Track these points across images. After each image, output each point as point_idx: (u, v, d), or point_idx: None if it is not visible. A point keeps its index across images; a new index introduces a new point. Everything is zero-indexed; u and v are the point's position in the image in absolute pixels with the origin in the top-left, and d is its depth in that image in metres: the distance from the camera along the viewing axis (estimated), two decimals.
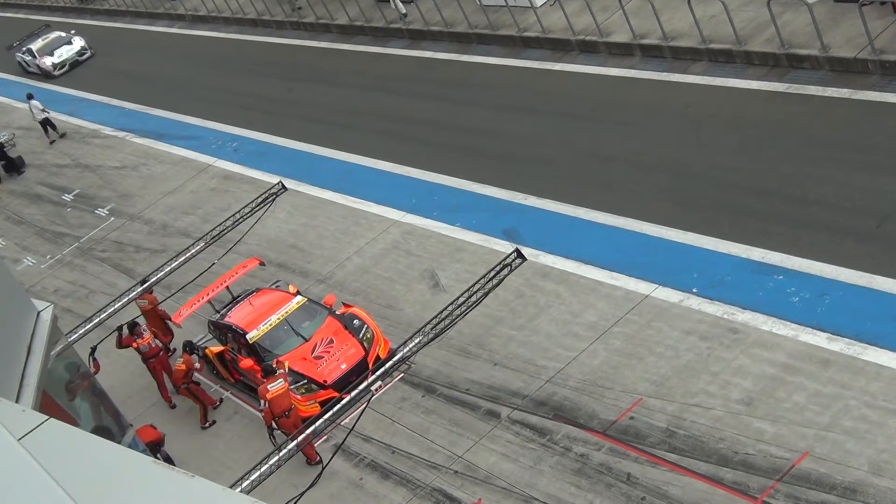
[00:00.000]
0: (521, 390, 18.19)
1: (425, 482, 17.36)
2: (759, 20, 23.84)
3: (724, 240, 19.26)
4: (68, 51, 45.41)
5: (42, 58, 45.19)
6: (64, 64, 45.03)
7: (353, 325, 20.34)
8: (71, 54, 45.30)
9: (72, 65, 45.12)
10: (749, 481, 14.89)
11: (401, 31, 33.86)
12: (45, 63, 45.03)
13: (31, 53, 46.00)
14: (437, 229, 23.47)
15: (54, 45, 45.85)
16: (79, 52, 45.42)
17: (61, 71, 44.85)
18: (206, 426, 21.07)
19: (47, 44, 46.05)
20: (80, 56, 45.41)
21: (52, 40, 46.25)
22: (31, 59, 46.02)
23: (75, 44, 45.73)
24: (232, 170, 30.59)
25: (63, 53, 45.24)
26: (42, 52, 45.48)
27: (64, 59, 45.11)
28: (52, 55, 45.13)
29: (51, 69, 44.86)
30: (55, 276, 29.16)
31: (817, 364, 16.07)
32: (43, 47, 45.85)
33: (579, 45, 27.75)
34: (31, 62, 46.02)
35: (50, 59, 45.00)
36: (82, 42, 45.85)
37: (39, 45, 45.97)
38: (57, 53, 45.23)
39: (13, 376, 13.05)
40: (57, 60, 44.99)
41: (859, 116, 20.70)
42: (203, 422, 21.11)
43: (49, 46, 45.81)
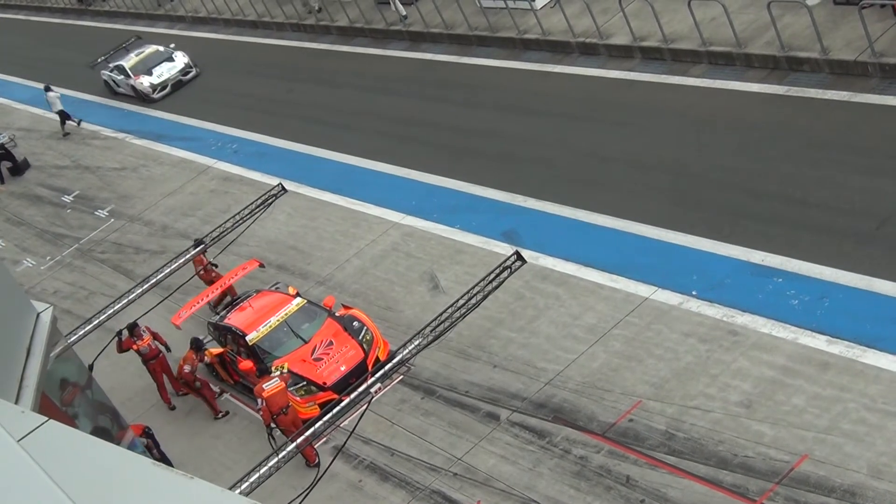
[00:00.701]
0: (521, 392, 18.19)
1: (424, 484, 17.36)
2: (759, 23, 23.85)
3: (724, 242, 19.27)
4: (170, 69, 38.42)
5: (138, 77, 38.16)
6: (165, 85, 38.04)
7: (353, 327, 20.34)
8: (173, 73, 38.34)
9: (174, 86, 38.11)
10: (748, 484, 14.89)
11: (401, 32, 33.87)
12: (142, 84, 38.03)
13: (123, 72, 38.93)
14: (437, 231, 23.47)
15: (152, 61, 38.76)
16: (182, 70, 38.45)
17: (161, 93, 37.94)
18: (220, 416, 21.18)
19: (143, 60, 38.88)
20: (183, 75, 38.39)
21: (149, 56, 39.07)
22: (122, 78, 38.94)
23: (178, 60, 38.66)
24: (232, 171, 30.60)
25: (164, 72, 38.27)
26: (137, 71, 38.44)
27: (165, 79, 38.11)
28: (150, 74, 38.10)
29: (149, 91, 37.91)
30: (55, 277, 29.16)
31: (817, 367, 16.08)
32: (138, 65, 38.75)
33: (579, 48, 27.76)
34: (123, 82, 38.98)
35: (148, 80, 37.93)
36: (186, 58, 38.76)
37: (133, 62, 38.88)
38: (156, 72, 38.23)
39: (12, 378, 13.05)
40: (157, 81, 37.93)
41: (859, 119, 20.71)
42: (216, 413, 21.23)
43: (145, 64, 38.71)
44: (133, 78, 38.28)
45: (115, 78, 39.58)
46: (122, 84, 39.21)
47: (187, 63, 38.58)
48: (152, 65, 38.54)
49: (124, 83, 38.99)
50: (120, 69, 39.19)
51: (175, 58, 38.76)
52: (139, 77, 38.17)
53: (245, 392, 21.17)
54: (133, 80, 38.28)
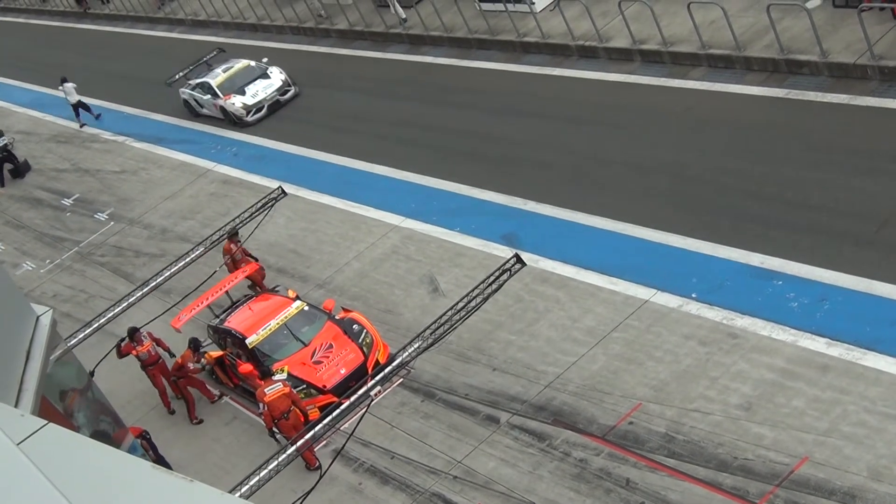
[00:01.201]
0: (521, 395, 18.19)
1: (424, 487, 17.36)
2: (759, 26, 23.87)
3: (724, 245, 19.27)
4: (266, 88, 33.06)
5: (228, 97, 33.00)
6: (261, 106, 32.78)
7: (353, 330, 20.34)
8: (270, 93, 32.95)
9: (271, 107, 32.87)
10: (748, 486, 14.89)
11: (401, 36, 33.90)
12: (233, 105, 32.78)
13: (209, 90, 33.76)
14: (437, 234, 23.47)
15: (243, 78, 33.46)
16: (280, 88, 33.07)
17: (256, 116, 32.73)
18: (195, 422, 21.31)
19: (232, 77, 33.57)
20: (281, 94, 33.06)
21: (240, 72, 33.77)
22: (208, 97, 33.76)
23: (274, 77, 33.33)
24: (231, 174, 30.61)
25: (259, 91, 32.89)
26: (227, 90, 33.21)
27: (261, 99, 32.82)
28: (242, 94, 32.88)
29: (242, 114, 32.68)
30: (54, 280, 29.16)
31: (816, 369, 16.08)
32: (226, 82, 33.47)
33: (579, 51, 27.78)
34: (209, 102, 33.82)
35: (240, 100, 32.72)
36: (283, 75, 33.50)
37: (221, 80, 33.58)
38: (250, 91, 32.90)
39: (12, 381, 13.06)
40: (251, 101, 32.74)
41: (858, 122, 20.72)
42: (211, 398, 21.49)
43: (235, 81, 33.44)
44: (222, 98, 33.09)
45: (198, 97, 34.38)
46: (206, 104, 34.07)
47: (285, 80, 33.26)
48: (244, 82, 33.20)
49: (210, 104, 33.81)
50: (205, 87, 34.03)
51: (271, 74, 33.44)
52: (230, 97, 32.95)
53: (245, 395, 21.17)
54: (222, 100, 33.08)
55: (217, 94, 33.31)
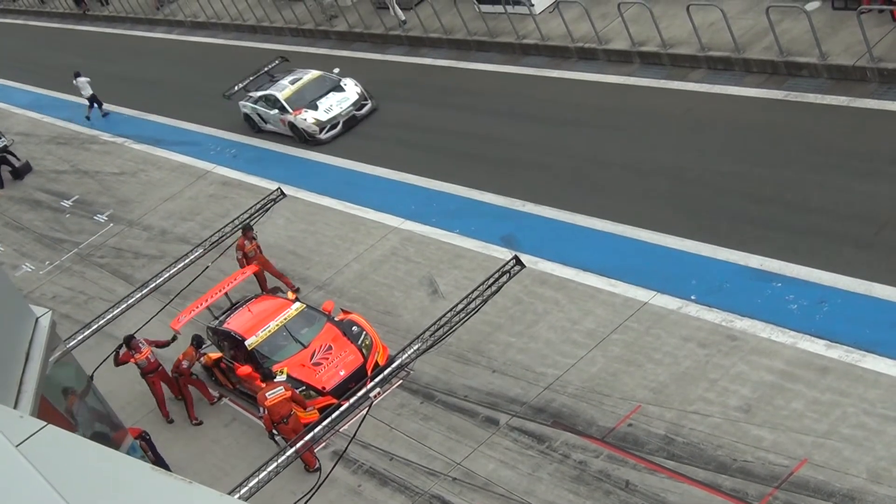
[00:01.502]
0: (520, 397, 18.19)
1: (424, 489, 17.35)
2: (758, 28, 23.89)
3: (723, 247, 19.27)
4: (340, 102, 29.72)
5: (299, 112, 29.73)
6: (336, 122, 29.55)
7: (352, 332, 20.34)
8: (346, 107, 29.64)
9: (347, 123, 29.58)
10: (747, 488, 14.89)
11: (400, 37, 33.91)
12: (305, 121, 29.54)
13: (276, 104, 30.52)
14: (436, 236, 23.48)
15: (314, 91, 30.18)
16: (356, 103, 29.81)
17: (330, 133, 29.51)
18: (195, 423, 21.33)
19: (302, 90, 30.32)
20: (357, 109, 29.80)
21: (310, 84, 30.49)
22: (275, 112, 30.52)
23: (349, 90, 30.03)
24: (231, 176, 30.60)
25: (333, 106, 29.62)
26: (297, 104, 29.94)
27: (335, 114, 29.55)
28: (314, 108, 29.66)
29: (315, 130, 29.50)
30: (54, 282, 29.15)
31: (816, 371, 16.08)
32: (295, 96, 30.20)
33: (578, 53, 27.79)
34: (275, 118, 30.60)
35: (313, 115, 29.48)
36: (358, 87, 30.21)
37: (289, 93, 30.29)
38: (323, 106, 29.68)
39: (11, 382, 13.06)
40: (325, 117, 29.46)
41: (857, 124, 20.74)
42: (210, 400, 21.54)
43: (305, 94, 30.19)
44: (292, 113, 29.84)
45: (262, 112, 31.21)
46: (272, 120, 30.90)
47: (361, 93, 30.05)
48: (316, 96, 29.96)
49: (276, 119, 30.63)
50: (270, 101, 30.80)
51: (345, 86, 30.14)
52: (300, 112, 29.72)
53: (243, 397, 21.17)
54: (292, 115, 29.83)
55: (286, 109, 30.03)
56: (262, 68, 32.60)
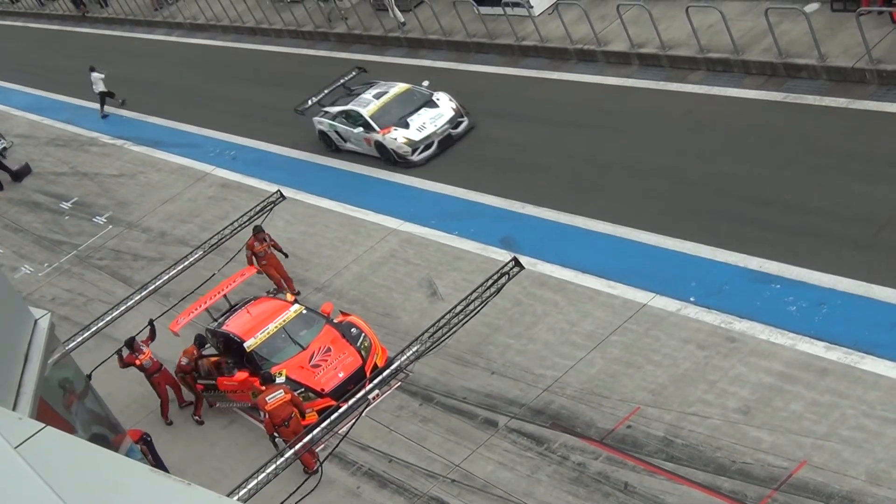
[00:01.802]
0: (519, 399, 18.18)
1: (423, 491, 17.34)
2: (757, 29, 23.90)
3: (722, 248, 19.28)
4: (434, 119, 26.57)
5: (387, 131, 26.65)
6: (430, 142, 26.39)
7: (351, 334, 20.34)
8: (440, 125, 26.46)
9: (442, 143, 26.45)
10: (746, 490, 14.88)
11: (399, 39, 33.92)
12: (395, 140, 26.42)
13: (359, 121, 27.35)
14: (435, 237, 23.48)
15: (402, 107, 27.03)
16: (452, 120, 26.60)
17: (424, 154, 26.41)
18: (198, 421, 21.43)
19: (388, 105, 27.16)
20: (453, 127, 26.60)
21: (397, 99, 27.31)
22: (358, 130, 27.39)
23: (442, 106, 26.86)
24: (230, 178, 30.60)
25: (426, 123, 26.47)
26: (383, 121, 26.88)
27: (429, 133, 26.36)
28: (405, 126, 26.52)
29: (407, 151, 26.35)
30: (53, 284, 29.15)
31: (815, 373, 16.08)
32: (381, 112, 27.07)
33: (577, 54, 27.80)
34: (358, 135, 27.48)
35: (403, 134, 26.38)
36: (453, 102, 27.03)
37: (375, 108, 27.13)
38: (415, 123, 26.52)
39: (10, 384, 13.04)
40: (418, 136, 26.37)
41: (856, 126, 20.74)
42: (197, 414, 21.51)
43: (392, 110, 27.02)
44: (379, 131, 26.71)
45: (341, 129, 28.09)
46: (354, 139, 27.72)
47: (456, 109, 26.83)
48: (406, 112, 26.79)
49: (359, 138, 27.43)
50: (353, 118, 27.67)
51: (438, 102, 27.03)
52: (389, 130, 26.58)
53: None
54: (379, 134, 26.69)
55: (371, 127, 26.93)
56: (337, 80, 29.39)
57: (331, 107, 28.82)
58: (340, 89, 29.23)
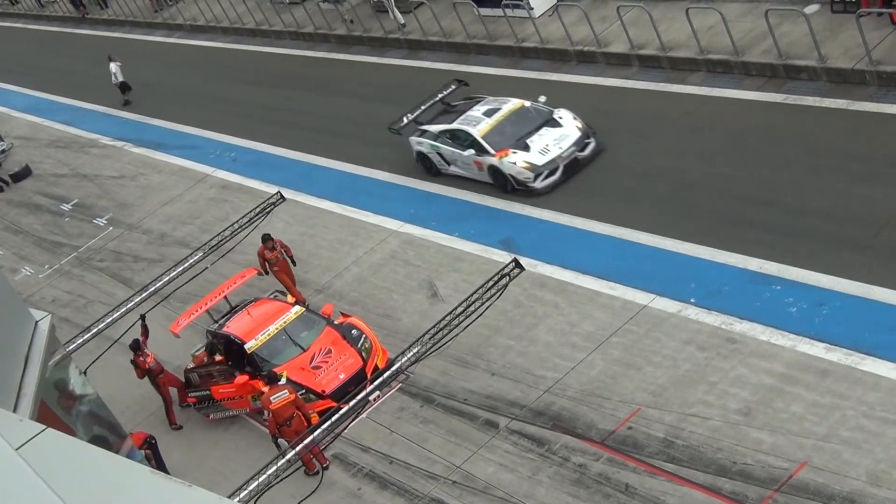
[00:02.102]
0: (520, 400, 18.19)
1: (423, 492, 17.35)
2: (757, 31, 23.91)
3: (722, 250, 19.28)
4: (558, 140, 23.24)
5: (502, 154, 23.19)
6: (555, 167, 22.98)
7: (352, 335, 20.34)
8: (566, 147, 23.14)
9: (568, 168, 23.09)
10: (747, 491, 14.89)
11: (399, 41, 33.93)
12: (514, 165, 23.01)
13: (468, 141, 24.01)
14: (436, 239, 23.48)
15: (518, 126, 23.73)
16: (578, 141, 23.31)
17: (548, 181, 23.00)
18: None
19: (502, 124, 23.79)
20: (580, 149, 23.29)
21: (511, 117, 23.96)
22: (468, 152, 23.91)
23: (566, 125, 23.59)
24: (230, 179, 30.61)
25: (549, 145, 23.10)
26: (497, 142, 23.43)
27: (553, 156, 23.01)
28: (525, 148, 23.14)
29: (528, 177, 22.95)
30: (53, 285, 29.15)
31: (815, 374, 16.08)
32: (495, 132, 23.65)
33: (577, 56, 27.81)
34: (466, 158, 24.08)
35: (524, 158, 22.99)
36: (577, 121, 23.75)
37: (487, 128, 23.74)
38: (537, 145, 23.12)
39: (11, 386, 13.04)
40: (541, 160, 23.02)
41: (856, 127, 20.75)
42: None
43: (508, 130, 23.65)
44: (494, 154, 23.31)
45: (445, 151, 24.79)
46: (461, 162, 24.38)
47: (582, 128, 23.61)
48: (524, 132, 23.49)
49: (468, 161, 24.09)
50: (460, 138, 24.28)
51: (561, 120, 23.73)
52: (506, 153, 23.16)
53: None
54: (495, 157, 23.29)
55: (484, 149, 23.60)
56: (434, 95, 26.25)
57: (430, 125, 25.41)
58: (438, 105, 25.99)
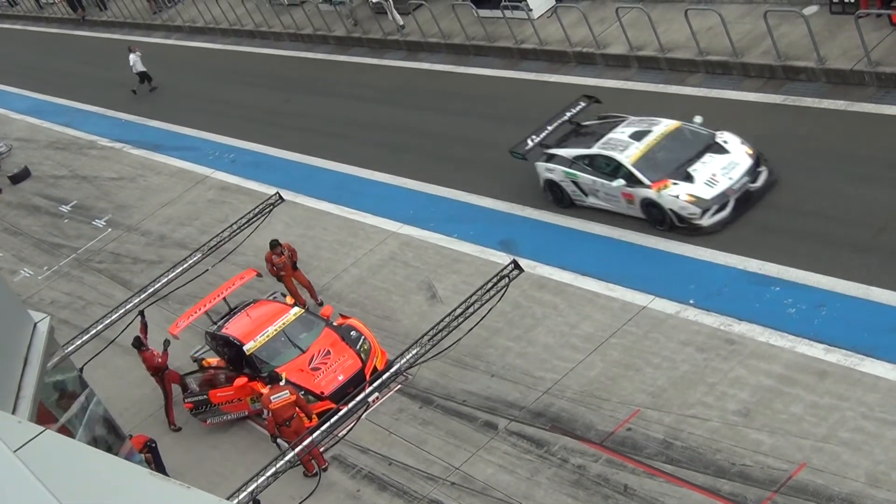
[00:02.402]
0: (518, 401, 18.18)
1: (422, 494, 17.34)
2: (756, 32, 23.91)
3: (721, 251, 19.28)
4: (727, 169, 20.00)
5: (661, 184, 19.89)
6: (724, 199, 19.83)
7: (351, 337, 20.34)
8: (737, 178, 19.90)
9: (740, 202, 19.86)
10: (746, 493, 14.88)
11: (398, 42, 33.92)
12: (676, 199, 19.87)
13: (613, 169, 20.60)
14: (435, 240, 23.48)
15: (675, 151, 20.53)
16: (750, 170, 20.01)
17: (717, 217, 19.83)
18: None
19: (655, 150, 20.60)
20: (752, 180, 20.00)
21: (666, 141, 20.71)
22: (615, 182, 20.50)
23: (733, 150, 20.38)
24: (229, 181, 30.60)
25: (717, 175, 19.87)
26: (653, 172, 20.11)
27: (723, 188, 19.81)
28: (687, 179, 19.95)
29: (695, 213, 19.83)
30: (52, 287, 29.14)
31: (814, 375, 16.08)
32: (647, 159, 20.43)
33: (576, 57, 27.81)
34: (611, 190, 20.74)
35: (688, 190, 19.84)
36: (745, 146, 20.46)
37: (637, 154, 20.43)
38: (701, 175, 19.95)
39: (9, 388, 13.04)
40: (709, 193, 19.85)
41: (856, 128, 20.75)
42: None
43: (662, 157, 20.46)
44: (650, 186, 20.03)
45: (583, 181, 21.45)
46: (605, 193, 21.02)
47: (753, 154, 20.29)
48: (684, 159, 20.30)
49: (614, 192, 20.74)
50: (603, 165, 20.96)
51: (727, 145, 20.50)
52: (665, 184, 19.92)
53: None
54: (651, 189, 20.01)
55: (637, 179, 20.28)
56: (561, 113, 22.87)
57: (560, 148, 22.15)
58: (566, 125, 22.74)
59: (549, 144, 22.50)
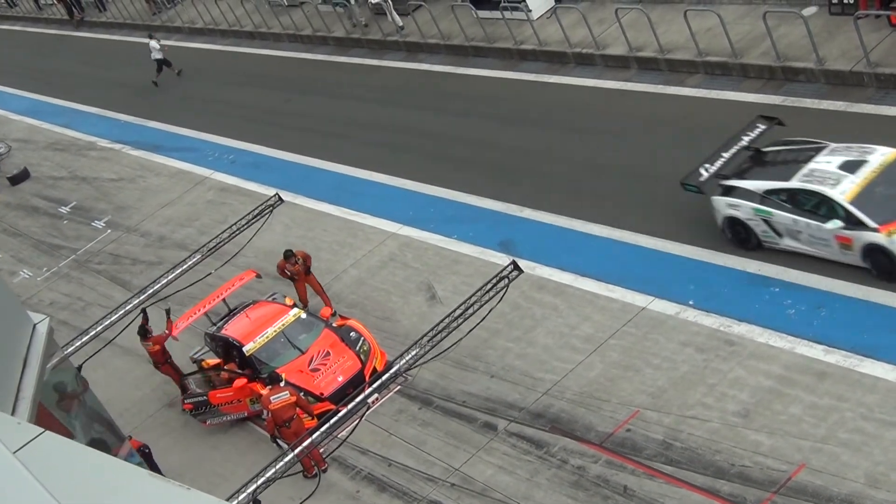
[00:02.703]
0: (518, 402, 18.18)
1: (422, 495, 17.34)
2: (755, 33, 23.92)
3: (721, 252, 19.28)
4: None
5: (892, 227, 16.52)
6: None
7: (350, 338, 20.34)
8: None
9: None
10: (745, 493, 14.89)
11: (397, 43, 33.93)
12: None
13: (823, 209, 17.34)
14: (434, 241, 23.48)
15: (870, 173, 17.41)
16: None
17: None
18: None
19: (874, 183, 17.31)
20: None
21: (888, 173, 17.37)
22: (829, 225, 17.14)
23: None
24: (229, 182, 30.60)
25: None
26: (881, 214, 16.65)
27: None
28: None
29: None
30: (51, 288, 29.13)
31: (813, 376, 16.09)
32: (866, 195, 17.11)
33: (576, 58, 27.82)
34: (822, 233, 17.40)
35: None
36: None
37: (855, 189, 17.16)
38: None
39: (9, 389, 13.04)
40: None
41: (855, 129, 20.72)
42: None
43: (886, 193, 17.07)
44: (878, 229, 16.57)
45: (779, 220, 18.15)
46: (810, 235, 17.72)
47: None
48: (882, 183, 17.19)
49: (824, 235, 17.41)
50: (800, 202, 17.76)
51: None
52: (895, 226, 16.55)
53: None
54: (878, 233, 16.58)
55: (858, 220, 16.90)
56: (738, 137, 19.83)
57: (741, 180, 19.00)
58: (742, 152, 19.60)
59: (728, 175, 19.23)
